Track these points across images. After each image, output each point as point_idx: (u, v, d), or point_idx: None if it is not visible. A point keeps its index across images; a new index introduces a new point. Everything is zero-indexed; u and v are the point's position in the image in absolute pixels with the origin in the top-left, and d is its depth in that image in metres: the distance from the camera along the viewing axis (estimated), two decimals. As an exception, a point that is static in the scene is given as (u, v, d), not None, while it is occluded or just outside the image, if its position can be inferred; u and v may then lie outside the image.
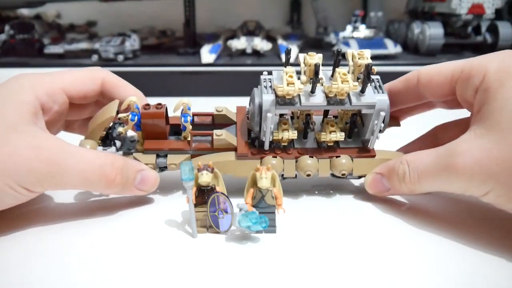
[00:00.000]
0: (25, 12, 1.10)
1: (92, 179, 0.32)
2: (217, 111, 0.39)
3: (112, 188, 0.34)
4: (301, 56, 0.35)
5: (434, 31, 0.87)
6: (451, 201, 0.37)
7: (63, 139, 0.33)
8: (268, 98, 0.33)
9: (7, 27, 0.92)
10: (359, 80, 0.36)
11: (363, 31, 0.92)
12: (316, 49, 1.00)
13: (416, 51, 0.92)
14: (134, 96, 0.37)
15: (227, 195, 0.32)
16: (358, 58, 0.35)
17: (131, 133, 0.40)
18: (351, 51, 0.37)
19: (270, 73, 0.36)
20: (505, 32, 0.87)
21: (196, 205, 0.32)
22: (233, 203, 0.32)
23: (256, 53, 0.91)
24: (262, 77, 0.35)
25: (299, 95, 0.34)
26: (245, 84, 0.38)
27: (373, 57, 0.37)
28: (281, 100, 0.34)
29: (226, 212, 0.32)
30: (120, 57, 0.86)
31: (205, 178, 0.31)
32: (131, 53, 0.89)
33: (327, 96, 0.34)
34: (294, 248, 0.31)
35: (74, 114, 0.40)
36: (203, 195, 0.32)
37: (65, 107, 0.38)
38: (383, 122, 0.35)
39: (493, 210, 0.34)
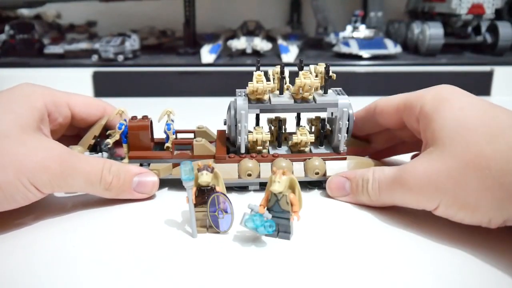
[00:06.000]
0: (25, 12, 1.10)
1: (95, 181, 0.35)
2: (198, 128, 0.43)
3: (110, 190, 0.36)
4: (270, 70, 0.40)
5: (434, 31, 0.86)
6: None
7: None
8: (241, 100, 0.38)
9: (7, 27, 0.92)
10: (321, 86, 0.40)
11: (363, 31, 0.91)
12: (316, 49, 1.00)
13: (416, 51, 0.92)
14: (123, 108, 0.40)
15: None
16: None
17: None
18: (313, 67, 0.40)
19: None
20: (505, 32, 0.87)
21: (196, 205, 0.32)
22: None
23: (256, 53, 0.91)
24: (237, 90, 0.40)
25: (269, 97, 0.39)
26: (245, 84, 0.38)
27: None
28: (253, 101, 0.38)
29: (226, 212, 0.32)
30: (120, 57, 0.86)
31: (205, 178, 0.31)
32: (131, 53, 0.89)
33: (294, 99, 0.39)
34: (294, 248, 0.31)
35: (67, 129, 0.41)
36: (203, 195, 0.32)
37: (67, 121, 0.40)
38: (348, 121, 0.39)
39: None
